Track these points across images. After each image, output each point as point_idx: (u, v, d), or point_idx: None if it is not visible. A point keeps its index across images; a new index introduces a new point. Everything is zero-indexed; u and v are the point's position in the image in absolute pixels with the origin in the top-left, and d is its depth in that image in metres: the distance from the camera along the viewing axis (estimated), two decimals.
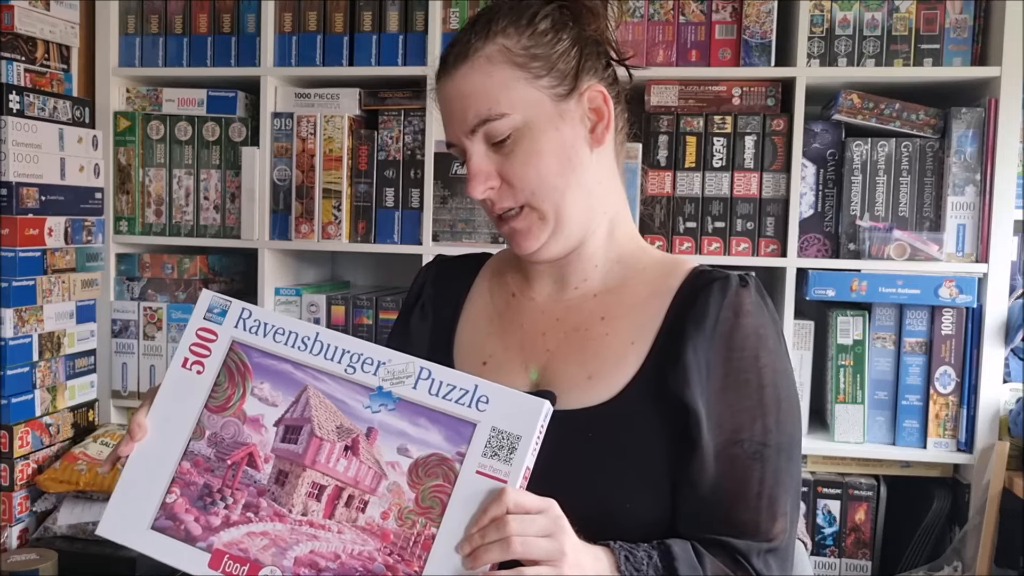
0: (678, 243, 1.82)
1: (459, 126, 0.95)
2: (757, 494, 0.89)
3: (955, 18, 1.77)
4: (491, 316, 1.05)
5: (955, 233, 1.76)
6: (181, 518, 0.87)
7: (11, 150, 1.69)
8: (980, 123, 1.73)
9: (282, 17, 1.97)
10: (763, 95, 1.84)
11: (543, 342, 0.99)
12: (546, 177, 0.94)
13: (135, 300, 2.05)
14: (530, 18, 0.94)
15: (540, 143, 0.93)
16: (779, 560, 0.91)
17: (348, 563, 0.81)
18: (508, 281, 1.07)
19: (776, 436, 0.91)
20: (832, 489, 1.84)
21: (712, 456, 0.89)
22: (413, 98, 1.93)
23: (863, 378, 1.79)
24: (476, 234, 1.88)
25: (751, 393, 0.91)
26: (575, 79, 0.95)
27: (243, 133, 2.00)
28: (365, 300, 1.97)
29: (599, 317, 0.98)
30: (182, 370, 0.89)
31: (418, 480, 0.80)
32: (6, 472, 1.74)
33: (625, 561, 0.82)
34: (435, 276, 1.13)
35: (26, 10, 1.81)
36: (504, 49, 0.93)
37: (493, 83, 0.92)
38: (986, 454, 1.74)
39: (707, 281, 0.95)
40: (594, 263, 1.00)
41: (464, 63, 0.93)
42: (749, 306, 0.93)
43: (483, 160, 0.95)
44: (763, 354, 0.92)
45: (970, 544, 1.72)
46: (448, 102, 0.96)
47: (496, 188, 0.95)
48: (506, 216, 0.97)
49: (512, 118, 0.92)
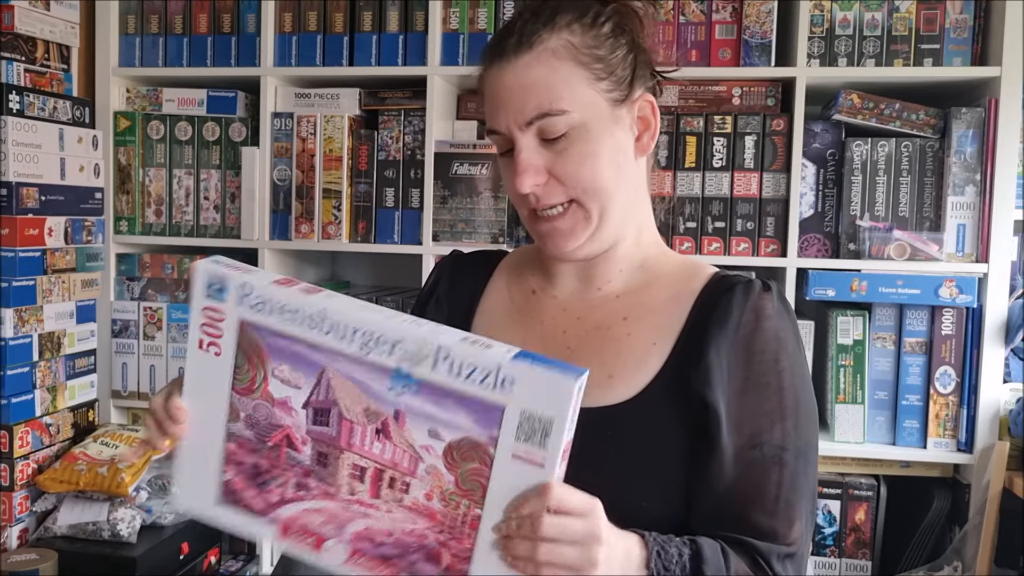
0: (678, 243, 1.82)
1: (514, 116, 0.91)
2: (775, 498, 0.90)
3: (955, 18, 1.77)
4: (509, 311, 1.05)
5: (955, 233, 1.76)
6: (242, 495, 0.88)
7: (11, 150, 1.69)
8: (980, 123, 1.73)
9: (282, 17, 1.97)
10: (763, 95, 1.84)
11: (563, 339, 0.99)
12: (599, 179, 0.93)
13: (135, 300, 2.05)
14: (594, 17, 0.93)
15: (596, 145, 0.92)
16: (796, 565, 0.91)
17: (402, 539, 0.81)
18: (528, 278, 1.07)
19: (794, 440, 0.91)
20: (832, 489, 1.84)
21: (731, 458, 0.90)
22: (413, 98, 1.93)
23: (863, 378, 1.79)
24: (476, 234, 1.88)
25: (770, 396, 0.91)
26: (630, 86, 0.95)
27: (243, 133, 2.00)
28: (365, 300, 1.96)
29: (621, 317, 0.98)
30: (201, 352, 0.87)
31: (455, 463, 0.79)
32: (6, 472, 1.74)
33: (657, 557, 0.82)
34: (451, 270, 1.12)
35: (26, 10, 1.81)
36: (570, 45, 0.91)
37: (557, 78, 0.90)
38: (986, 454, 1.74)
39: (730, 284, 0.95)
40: (620, 267, 1.00)
41: (527, 52, 0.91)
42: (771, 310, 0.93)
43: (534, 154, 0.92)
44: (783, 358, 0.92)
45: (970, 544, 1.72)
46: (504, 90, 0.92)
47: (542, 184, 0.93)
48: (547, 214, 0.95)
49: (571, 116, 0.90)
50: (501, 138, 0.94)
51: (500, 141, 0.95)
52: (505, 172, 0.96)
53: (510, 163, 0.94)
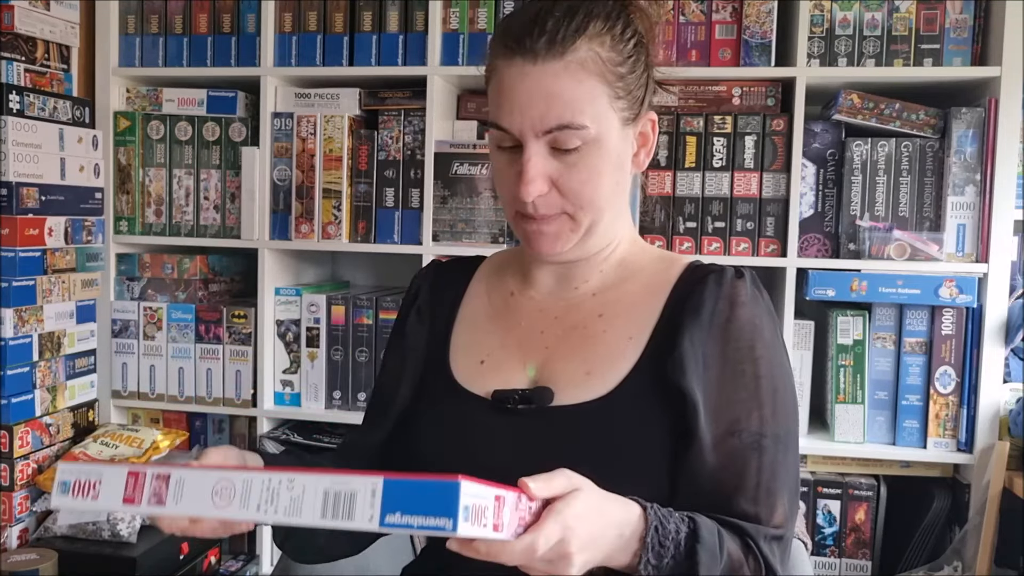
0: (678, 243, 1.82)
1: (531, 122, 0.90)
2: (756, 484, 0.90)
3: (955, 18, 1.77)
4: (489, 315, 1.05)
5: (955, 233, 1.76)
6: None
7: (11, 150, 1.69)
8: (980, 123, 1.73)
9: (282, 17, 1.97)
10: (763, 95, 1.84)
11: (541, 339, 0.99)
12: (598, 197, 0.93)
13: (135, 300, 2.05)
14: (622, 30, 0.92)
15: (603, 163, 0.92)
16: (782, 550, 0.91)
17: None
18: (507, 280, 1.07)
19: (773, 427, 0.91)
20: (832, 489, 1.84)
21: (710, 447, 0.90)
22: (413, 98, 1.93)
23: (863, 378, 1.79)
24: (476, 234, 1.88)
25: (747, 384, 0.91)
26: (640, 106, 0.95)
27: (243, 133, 2.00)
28: (365, 300, 1.97)
29: (597, 315, 0.98)
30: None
31: None
32: (6, 472, 1.74)
33: (654, 532, 0.82)
34: (431, 280, 1.12)
35: (26, 10, 1.81)
36: (598, 59, 0.90)
37: (583, 92, 0.89)
38: (986, 454, 1.74)
39: (703, 274, 0.96)
40: (599, 268, 1.01)
41: (557, 60, 0.89)
42: (744, 297, 0.93)
43: (543, 162, 0.91)
44: (759, 345, 0.92)
45: (970, 544, 1.72)
46: (525, 93, 0.89)
47: (544, 194, 0.92)
48: (537, 216, 0.94)
49: (589, 131, 0.90)
50: (507, 136, 0.92)
51: (504, 138, 0.93)
52: (501, 167, 0.95)
53: (510, 160, 0.93)
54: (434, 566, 1.04)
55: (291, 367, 2.00)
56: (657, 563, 0.81)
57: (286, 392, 2.00)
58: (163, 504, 0.76)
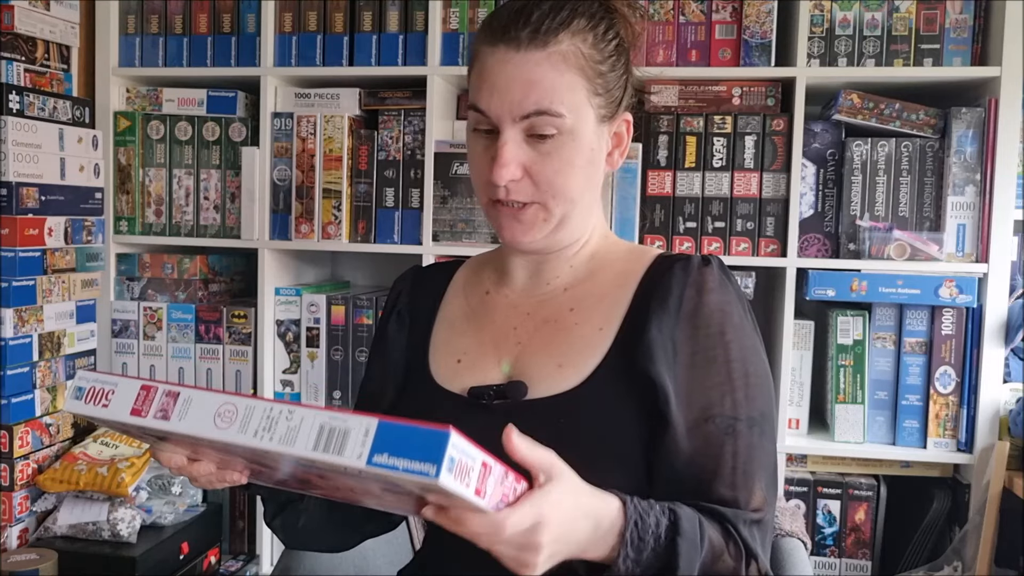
0: (678, 243, 1.82)
1: (509, 107, 0.92)
2: (732, 469, 0.90)
3: (955, 18, 1.77)
4: (466, 314, 1.07)
5: (955, 233, 1.76)
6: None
7: (11, 150, 1.69)
8: (980, 123, 1.73)
9: (282, 17, 1.97)
10: (763, 95, 1.84)
11: (515, 336, 1.01)
12: (570, 188, 0.95)
13: (135, 300, 2.05)
14: (604, 31, 0.95)
15: (577, 155, 0.94)
16: (763, 533, 0.91)
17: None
18: (484, 279, 1.09)
19: (747, 410, 0.92)
20: (832, 489, 1.84)
21: (684, 434, 0.90)
22: (413, 98, 1.93)
23: (863, 378, 1.79)
24: (476, 234, 1.88)
25: (719, 369, 0.92)
26: (617, 107, 0.98)
27: (243, 133, 2.00)
28: (365, 300, 1.97)
29: (569, 309, 1.00)
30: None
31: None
32: (6, 472, 1.74)
33: (634, 527, 0.82)
34: (410, 285, 1.14)
35: (26, 10, 1.81)
36: (579, 53, 0.93)
37: (563, 82, 0.92)
38: (986, 454, 1.74)
39: (670, 263, 0.97)
40: (570, 264, 1.03)
41: (539, 50, 0.91)
42: (712, 283, 0.94)
43: (518, 148, 0.93)
44: (728, 330, 0.93)
45: (970, 544, 1.72)
46: (505, 78, 0.92)
47: (517, 180, 0.94)
48: (510, 204, 0.96)
49: (565, 120, 0.92)
50: (483, 119, 0.94)
51: (481, 120, 0.95)
52: (477, 152, 0.97)
53: (486, 145, 0.95)
54: (433, 566, 1.04)
55: (291, 367, 2.00)
56: (636, 557, 0.82)
57: (286, 392, 2.00)
58: (167, 419, 0.78)
